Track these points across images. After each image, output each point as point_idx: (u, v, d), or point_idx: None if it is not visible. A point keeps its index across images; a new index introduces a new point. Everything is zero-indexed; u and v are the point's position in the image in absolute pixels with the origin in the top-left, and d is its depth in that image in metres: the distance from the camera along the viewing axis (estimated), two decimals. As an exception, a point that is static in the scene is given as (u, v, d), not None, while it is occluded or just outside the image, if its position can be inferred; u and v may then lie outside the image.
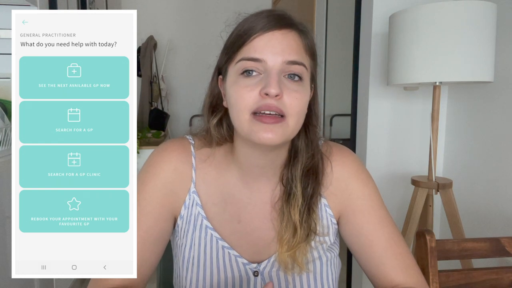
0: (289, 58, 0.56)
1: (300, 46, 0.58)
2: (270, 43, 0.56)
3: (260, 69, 0.56)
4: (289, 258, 0.62)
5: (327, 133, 2.84)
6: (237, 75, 0.57)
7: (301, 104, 0.57)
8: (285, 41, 0.56)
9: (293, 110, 0.56)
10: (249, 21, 0.58)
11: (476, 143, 1.50)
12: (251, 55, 0.56)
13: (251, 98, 0.55)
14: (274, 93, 0.54)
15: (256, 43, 0.56)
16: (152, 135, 2.92)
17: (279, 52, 0.56)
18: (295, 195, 0.62)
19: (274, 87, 0.54)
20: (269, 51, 0.56)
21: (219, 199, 0.66)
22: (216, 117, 0.64)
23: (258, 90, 0.55)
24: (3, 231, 1.27)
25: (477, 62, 1.16)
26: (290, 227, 0.62)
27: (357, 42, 1.72)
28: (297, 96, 0.56)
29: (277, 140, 0.56)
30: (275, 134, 0.55)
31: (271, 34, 0.56)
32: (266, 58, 0.55)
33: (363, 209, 0.66)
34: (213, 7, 3.64)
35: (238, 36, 0.58)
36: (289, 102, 0.55)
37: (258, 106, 0.55)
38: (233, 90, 0.58)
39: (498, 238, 0.82)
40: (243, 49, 0.57)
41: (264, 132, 0.55)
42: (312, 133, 0.65)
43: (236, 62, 0.58)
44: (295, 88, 0.56)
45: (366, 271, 0.67)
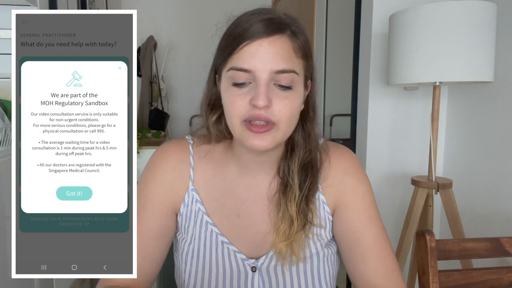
0: (277, 68, 0.56)
1: (290, 51, 0.57)
2: (258, 53, 0.55)
3: (250, 78, 0.57)
4: (285, 248, 0.62)
5: (327, 133, 2.83)
6: (229, 83, 0.58)
7: (291, 110, 0.58)
8: (273, 49, 0.56)
9: (283, 117, 0.57)
10: (239, 25, 0.57)
11: (476, 143, 1.50)
12: (239, 66, 0.56)
13: (242, 107, 0.56)
14: (261, 105, 0.55)
15: (244, 53, 0.56)
16: (152, 135, 2.92)
17: (267, 62, 0.55)
18: (292, 187, 0.63)
19: (262, 99, 0.55)
20: (257, 61, 0.55)
21: (219, 194, 0.67)
22: (215, 115, 0.65)
23: (248, 99, 0.56)
24: (3, 231, 1.27)
25: (477, 62, 1.16)
26: (287, 218, 0.63)
27: (357, 42, 1.72)
28: (286, 103, 0.57)
29: (268, 146, 0.57)
30: (265, 141, 0.57)
31: (258, 44, 0.55)
32: (254, 69, 0.55)
33: (354, 206, 0.66)
34: (213, 7, 3.64)
35: (229, 41, 0.58)
36: (278, 110, 0.56)
37: (249, 116, 0.56)
38: (226, 97, 0.59)
39: (498, 238, 0.82)
40: (233, 57, 0.57)
41: (255, 139, 0.57)
42: (309, 126, 0.65)
43: (227, 69, 0.58)
44: (285, 95, 0.57)
45: (348, 269, 0.67)
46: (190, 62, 3.67)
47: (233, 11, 0.61)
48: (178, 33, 3.72)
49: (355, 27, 1.73)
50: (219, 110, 0.65)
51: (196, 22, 3.70)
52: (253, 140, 0.57)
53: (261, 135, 0.56)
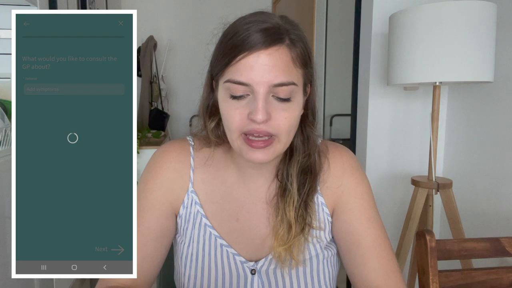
0: (275, 81, 0.54)
1: (288, 63, 0.55)
2: (256, 65, 0.54)
3: (248, 90, 0.55)
4: (284, 252, 0.62)
5: (327, 133, 2.84)
6: (226, 95, 0.57)
7: (291, 121, 0.57)
8: (272, 61, 0.54)
9: (282, 130, 0.56)
10: (238, 34, 0.55)
11: (476, 143, 1.50)
12: (237, 79, 0.55)
13: (241, 120, 0.56)
14: (260, 120, 0.54)
15: (241, 66, 0.54)
16: (152, 135, 2.92)
17: (265, 75, 0.54)
18: (290, 192, 0.63)
19: (261, 113, 0.54)
20: (255, 74, 0.54)
21: (218, 197, 0.67)
22: (213, 121, 0.64)
23: (247, 113, 0.55)
24: (3, 231, 1.27)
25: (477, 62, 1.16)
26: (285, 222, 0.62)
27: (357, 42, 1.72)
28: (286, 116, 0.56)
29: (268, 159, 0.57)
30: (265, 154, 0.57)
31: (256, 56, 0.54)
32: (252, 82, 0.54)
33: (354, 207, 0.66)
34: (213, 7, 3.65)
35: (226, 50, 0.56)
36: (277, 123, 0.56)
37: (247, 130, 0.56)
38: (224, 109, 0.58)
39: (498, 238, 0.82)
40: (230, 69, 0.55)
41: (254, 154, 0.56)
42: (308, 129, 0.65)
43: (224, 81, 0.57)
44: (284, 107, 0.56)
45: (348, 270, 0.67)
46: (190, 62, 3.66)
47: (232, 13, 0.61)
48: (178, 33, 3.72)
49: (355, 27, 1.73)
50: (217, 116, 0.64)
51: (196, 22, 3.70)
52: (252, 154, 0.56)
53: (261, 150, 0.56)
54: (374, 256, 0.64)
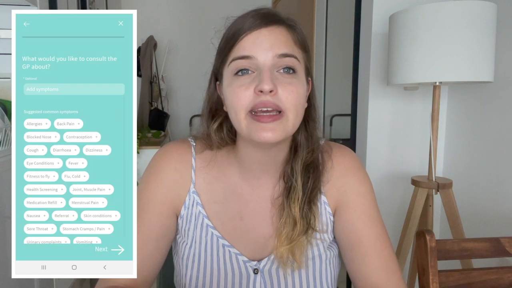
0: (279, 52, 0.56)
1: (289, 40, 0.58)
2: (258, 40, 0.56)
3: (253, 67, 0.56)
4: (286, 253, 0.62)
5: (327, 133, 2.83)
6: (231, 76, 0.58)
7: (298, 96, 0.57)
8: (273, 36, 0.57)
9: (290, 104, 0.56)
10: (236, 23, 0.58)
11: (476, 143, 1.50)
12: (240, 54, 0.57)
13: (247, 97, 0.56)
14: (267, 89, 0.54)
15: (244, 42, 0.57)
16: (152, 135, 2.92)
17: (268, 47, 0.56)
18: (295, 188, 0.63)
19: (267, 83, 0.54)
20: (258, 47, 0.56)
21: (221, 197, 0.67)
22: (216, 122, 0.65)
23: (253, 88, 0.55)
24: (3, 231, 1.27)
25: (477, 62, 1.16)
26: (290, 221, 0.62)
27: (357, 42, 1.72)
28: (292, 89, 0.56)
29: (278, 137, 0.56)
30: (275, 132, 0.55)
31: (258, 32, 0.57)
32: (256, 55, 0.56)
33: (356, 206, 0.66)
34: (213, 7, 3.65)
35: (227, 39, 0.59)
36: (284, 96, 0.55)
37: (254, 104, 0.55)
38: (229, 91, 0.58)
39: (498, 238, 0.82)
40: (233, 50, 0.58)
41: (264, 131, 0.55)
42: (311, 126, 0.65)
43: (228, 63, 0.58)
44: (289, 81, 0.56)
45: (349, 269, 0.67)
46: (190, 62, 3.67)
47: (233, 12, 0.62)
48: (178, 33, 3.72)
49: (355, 27, 1.73)
50: (220, 117, 0.65)
51: (196, 22, 3.70)
52: (262, 133, 0.55)
53: (270, 126, 0.55)
54: (375, 255, 0.64)
